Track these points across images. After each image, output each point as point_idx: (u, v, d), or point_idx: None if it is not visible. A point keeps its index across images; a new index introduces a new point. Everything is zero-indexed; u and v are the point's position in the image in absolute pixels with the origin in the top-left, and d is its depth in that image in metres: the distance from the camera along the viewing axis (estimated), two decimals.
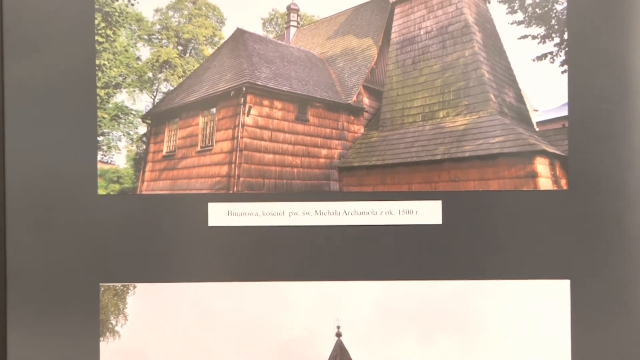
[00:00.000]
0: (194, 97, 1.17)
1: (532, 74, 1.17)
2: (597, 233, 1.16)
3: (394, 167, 1.17)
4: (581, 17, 1.15)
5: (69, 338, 1.18)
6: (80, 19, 1.17)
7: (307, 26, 1.15)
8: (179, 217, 1.18)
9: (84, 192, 1.17)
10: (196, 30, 1.19)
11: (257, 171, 1.18)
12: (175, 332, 1.19)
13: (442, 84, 1.15)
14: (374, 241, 1.17)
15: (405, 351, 1.18)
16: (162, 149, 1.18)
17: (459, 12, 1.15)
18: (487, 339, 1.18)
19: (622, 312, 1.17)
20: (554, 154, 1.16)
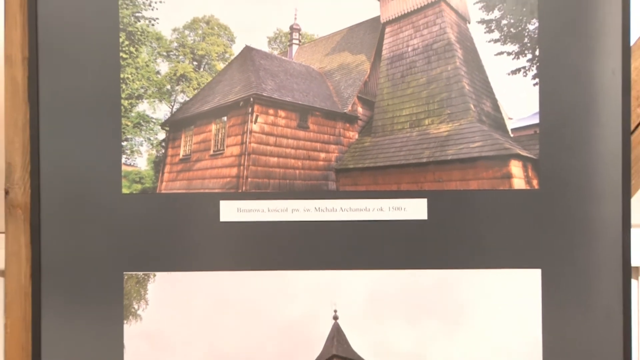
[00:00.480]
0: (207, 107, 1.19)
1: (507, 86, 1.19)
2: (564, 227, 1.18)
3: (385, 169, 1.18)
4: (551, 36, 1.18)
5: (96, 321, 1.20)
6: (106, 37, 1.19)
7: (308, 44, 1.18)
8: (193, 213, 1.20)
9: (109, 191, 1.19)
10: (209, 48, 1.20)
11: (263, 172, 1.19)
12: (190, 314, 1.21)
13: (428, 95, 1.17)
14: (367, 234, 1.19)
15: (393, 332, 1.20)
16: (179, 153, 1.20)
17: (443, 31, 1.17)
18: (467, 322, 1.20)
19: (586, 296, 1.18)
20: (526, 158, 1.18)
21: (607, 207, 1.18)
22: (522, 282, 1.19)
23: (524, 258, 1.19)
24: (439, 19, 1.20)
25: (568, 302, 1.19)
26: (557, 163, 1.18)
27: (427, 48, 1.20)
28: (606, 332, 1.18)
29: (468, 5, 1.20)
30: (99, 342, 1.20)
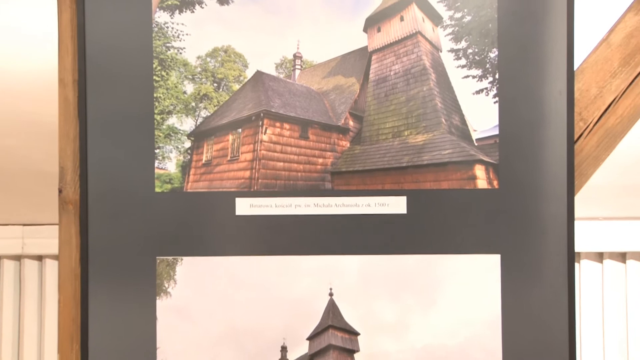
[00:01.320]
0: (225, 121, 1.23)
1: (472, 104, 1.23)
2: (520, 220, 1.23)
3: (372, 172, 1.23)
4: (508, 62, 1.23)
5: (133, 297, 1.25)
6: (142, 63, 1.24)
7: (308, 69, 1.22)
8: (213, 208, 1.25)
9: (144, 190, 1.24)
10: (227, 72, 1.25)
11: (271, 174, 1.24)
12: (211, 292, 1.25)
13: (407, 111, 1.22)
14: (357, 226, 1.24)
15: (379, 306, 1.25)
16: (202, 159, 1.24)
17: (419, 58, 1.22)
18: (440, 297, 1.24)
19: (537, 277, 1.23)
20: (488, 162, 1.23)
21: (555, 204, 1.23)
22: (485, 265, 1.24)
23: (486, 245, 1.24)
24: (416, 49, 1.25)
25: (522, 282, 1.24)
26: (514, 167, 1.23)
27: (407, 72, 1.24)
28: (554, 305, 1.23)
29: (440, 37, 1.24)
30: (136, 315, 1.25)
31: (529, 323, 1.25)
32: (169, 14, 1.26)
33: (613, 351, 2.01)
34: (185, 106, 1.26)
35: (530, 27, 1.24)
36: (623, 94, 1.28)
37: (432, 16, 1.25)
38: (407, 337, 1.25)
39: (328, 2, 1.25)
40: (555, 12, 1.24)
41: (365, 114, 1.26)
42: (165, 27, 1.25)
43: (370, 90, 1.26)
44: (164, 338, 1.26)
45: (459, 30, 1.25)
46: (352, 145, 1.26)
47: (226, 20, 1.25)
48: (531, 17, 1.24)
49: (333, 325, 1.25)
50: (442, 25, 1.25)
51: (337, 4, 1.25)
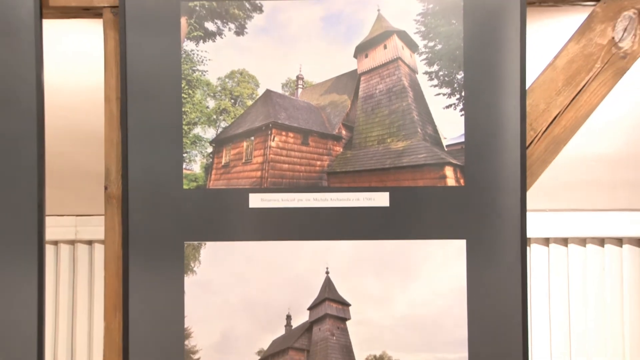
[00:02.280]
0: (240, 130, 1.22)
1: (442, 117, 1.23)
2: (482, 211, 1.22)
3: (360, 172, 1.22)
4: (472, 82, 1.22)
5: (166, 275, 1.24)
6: (173, 83, 1.24)
7: (308, 88, 1.21)
8: (231, 202, 1.24)
9: (174, 187, 1.24)
10: (242, 90, 1.24)
11: (278, 174, 1.23)
12: (228, 270, 1.24)
13: (389, 123, 1.21)
14: (349, 216, 1.23)
15: (366, 282, 1.24)
16: (222, 161, 1.23)
17: (399, 79, 1.21)
18: (416, 275, 1.24)
19: (496, 257, 1.22)
20: (456, 164, 1.22)
21: (511, 198, 1.22)
22: (453, 248, 1.23)
23: (455, 232, 1.23)
24: (397, 71, 1.23)
25: (484, 262, 1.23)
26: (477, 168, 1.22)
27: (389, 91, 1.23)
28: (509, 281, 1.22)
29: (416, 62, 1.24)
30: (167, 289, 1.24)
31: (489, 295, 1.24)
32: (194, 43, 1.25)
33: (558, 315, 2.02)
34: (208, 118, 1.26)
35: (490, 54, 1.23)
36: (566, 109, 1.28)
37: (410, 45, 1.25)
38: (389, 307, 1.25)
39: (324, 34, 1.24)
40: (511, 42, 1.23)
41: (356, 124, 1.26)
42: (191, 54, 1.25)
43: (359, 105, 1.25)
44: (190, 308, 1.25)
45: (431, 57, 1.24)
46: (344, 151, 1.25)
47: (241, 48, 1.25)
48: (491, 45, 1.23)
49: (329, 298, 1.25)
50: (418, 52, 1.24)
51: (332, 35, 1.24)
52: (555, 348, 2.02)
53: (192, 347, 1.25)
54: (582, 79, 1.27)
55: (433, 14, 1.23)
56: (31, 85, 1.24)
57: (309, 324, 1.26)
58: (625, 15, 1.26)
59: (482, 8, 1.22)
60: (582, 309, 2.00)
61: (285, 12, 1.24)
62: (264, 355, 1.25)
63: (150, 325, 1.25)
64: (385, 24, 1.24)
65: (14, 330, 1.24)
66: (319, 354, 1.25)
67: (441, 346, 1.24)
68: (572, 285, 2.01)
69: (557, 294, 2.01)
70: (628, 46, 1.26)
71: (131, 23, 1.23)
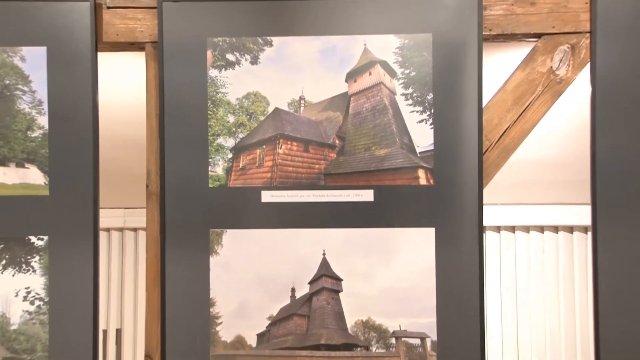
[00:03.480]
0: (254, 140, 1.21)
1: (416, 129, 1.21)
2: (448, 205, 1.20)
3: (351, 174, 1.20)
4: (439, 102, 1.20)
5: (194, 256, 1.22)
6: (200, 103, 1.22)
7: (309, 106, 1.20)
8: (247, 197, 1.22)
9: (201, 186, 1.22)
10: (256, 108, 1.22)
11: (284, 175, 1.21)
12: (244, 252, 1.22)
13: (373, 134, 1.19)
14: (341, 209, 1.22)
15: (354, 262, 1.22)
16: (240, 165, 1.21)
17: (381, 100, 1.19)
18: (394, 256, 1.22)
19: (458, 242, 1.20)
20: (427, 168, 1.20)
21: (470, 194, 1.20)
22: (424, 235, 1.21)
23: (426, 221, 1.21)
24: (380, 93, 1.22)
25: (449, 245, 1.21)
26: (444, 171, 1.20)
27: (373, 108, 1.22)
28: (469, 260, 1.20)
29: (395, 85, 1.22)
30: (196, 267, 1.23)
31: (452, 272, 1.22)
32: (218, 71, 1.23)
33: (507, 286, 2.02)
34: (228, 131, 1.24)
35: (453, 79, 1.21)
36: (514, 123, 1.26)
37: (390, 72, 1.23)
38: (373, 282, 1.23)
39: (322, 63, 1.23)
40: (470, 70, 1.21)
41: (347, 135, 1.24)
42: (215, 79, 1.23)
43: (350, 120, 1.24)
44: (214, 283, 1.24)
45: (407, 81, 1.23)
46: (337, 156, 1.24)
47: (255, 74, 1.23)
48: (454, 72, 1.21)
49: (325, 274, 1.23)
50: (397, 78, 1.23)
51: (328, 65, 1.23)
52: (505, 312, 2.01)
53: (215, 313, 1.24)
54: (526, 99, 1.26)
55: (408, 47, 1.22)
56: (88, 104, 1.22)
57: (309, 295, 1.24)
58: (560, 49, 1.25)
59: (447, 43, 1.21)
60: (526, 281, 1.99)
61: (290, 46, 1.23)
62: (273, 320, 1.24)
63: (182, 296, 1.23)
64: (370, 56, 1.23)
65: (75, 300, 1.22)
66: (317, 319, 1.23)
67: (415, 312, 1.22)
68: (518, 264, 2.01)
69: (506, 270, 2.01)
70: (563, 73, 1.25)
71: (167, 55, 1.22)
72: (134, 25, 1.26)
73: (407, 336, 1.22)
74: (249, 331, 1.23)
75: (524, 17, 1.24)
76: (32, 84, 1.21)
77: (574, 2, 1.23)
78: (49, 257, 1.21)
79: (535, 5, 1.24)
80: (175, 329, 1.22)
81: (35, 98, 1.22)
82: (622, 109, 1.20)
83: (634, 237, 1.19)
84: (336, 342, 1.22)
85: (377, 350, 1.22)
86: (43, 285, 1.21)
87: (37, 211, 1.21)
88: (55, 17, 1.20)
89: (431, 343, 1.21)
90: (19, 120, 1.21)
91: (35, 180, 1.22)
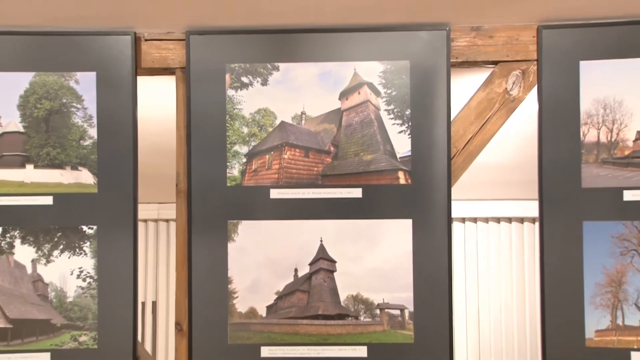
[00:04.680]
0: (264, 147, 1.19)
1: (397, 139, 1.19)
2: (422, 201, 1.19)
3: (343, 175, 1.19)
4: (416, 116, 1.18)
5: (216, 242, 1.20)
6: (220, 117, 1.20)
7: (309, 119, 1.18)
8: (258, 194, 1.20)
9: (221, 185, 1.20)
10: (265, 121, 1.21)
11: (289, 176, 1.20)
12: (256, 239, 1.20)
13: (362, 142, 1.18)
14: (335, 204, 1.20)
15: (346, 247, 1.20)
16: (252, 168, 1.19)
17: (368, 114, 1.18)
18: (378, 243, 1.20)
19: (431, 230, 1.19)
20: (405, 170, 1.19)
21: (441, 192, 1.19)
22: (403, 225, 1.19)
23: (405, 214, 1.19)
24: (367, 109, 1.20)
25: (423, 234, 1.19)
26: (419, 172, 1.18)
27: (362, 122, 1.20)
28: (439, 246, 1.19)
29: (379, 103, 1.20)
30: (216, 252, 1.21)
31: (426, 255, 1.20)
32: (234, 91, 1.22)
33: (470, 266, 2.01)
34: (243, 140, 1.22)
35: (427, 98, 1.20)
36: (476, 134, 1.24)
37: (375, 92, 1.21)
38: (362, 263, 1.21)
39: (320, 84, 1.21)
40: (441, 90, 1.20)
41: (340, 143, 1.22)
42: (232, 98, 1.22)
43: (342, 131, 1.22)
44: (231, 264, 1.22)
45: (389, 99, 1.21)
46: (332, 161, 1.22)
47: (265, 94, 1.22)
48: (428, 92, 1.20)
49: (322, 257, 1.22)
50: (381, 96, 1.21)
51: (324, 86, 1.21)
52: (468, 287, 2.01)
53: (232, 289, 1.22)
54: (486, 114, 1.24)
55: (390, 72, 1.20)
56: (129, 119, 1.21)
57: (309, 274, 1.22)
58: (513, 73, 1.24)
59: (422, 68, 1.20)
60: (485, 261, 1.98)
61: (294, 71, 1.21)
62: (279, 295, 1.22)
63: (205, 275, 1.21)
64: (359, 78, 1.21)
65: (118, 277, 1.20)
66: (316, 294, 1.22)
67: (395, 289, 1.20)
68: (479, 249, 2.00)
69: (469, 253, 2.00)
70: (516, 93, 1.24)
71: (193, 78, 1.21)
72: (166, 54, 1.25)
73: (389, 308, 1.20)
74: (260, 304, 1.22)
75: (483, 48, 1.23)
76: (84, 102, 1.21)
77: (524, 36, 1.22)
78: (97, 243, 1.20)
79: (492, 38, 1.23)
80: (199, 301, 1.21)
81: (87, 113, 1.21)
82: (562, 122, 1.19)
83: (570, 225, 1.17)
84: (331, 312, 1.21)
85: (365, 320, 1.21)
86: (93, 265, 1.20)
87: (88, 205, 1.20)
88: (103, 47, 1.20)
89: (409, 313, 1.19)
90: (74, 132, 1.21)
91: (87, 181, 1.21)
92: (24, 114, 1.20)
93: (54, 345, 1.18)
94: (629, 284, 1.13)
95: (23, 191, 1.19)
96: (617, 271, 1.14)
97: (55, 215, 1.19)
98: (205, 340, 1.20)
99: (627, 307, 1.12)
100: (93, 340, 1.18)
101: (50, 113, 1.20)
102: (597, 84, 1.16)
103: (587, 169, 1.16)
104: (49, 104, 1.20)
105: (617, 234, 1.14)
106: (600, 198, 1.16)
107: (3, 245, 1.19)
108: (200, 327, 1.20)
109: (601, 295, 1.14)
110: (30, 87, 1.19)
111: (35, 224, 1.19)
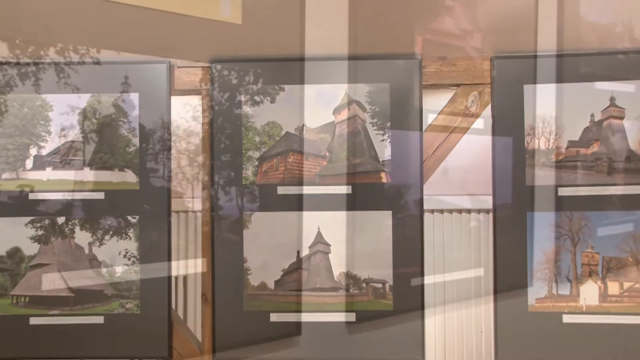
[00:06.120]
0: (273, 153, 1.16)
1: (379, 146, 1.16)
2: (400, 196, 1.16)
3: (336, 175, 1.16)
4: (395, 128, 1.16)
5: (233, 230, 1.17)
6: (236, 128, 1.17)
7: (309, 130, 1.16)
8: (268, 191, 1.17)
9: (237, 183, 1.17)
10: (273, 132, 1.17)
11: (292, 176, 1.17)
12: (267, 227, 1.17)
13: (352, 149, 1.13)
14: (330, 199, 1.17)
15: (339, 233, 1.18)
16: (263, 169, 1.16)
17: (356, 126, 1.15)
18: (365, 230, 1.17)
19: (406, 219, 1.16)
20: (386, 171, 1.16)
21: (414, 189, 1.16)
22: (384, 216, 1.16)
23: (386, 207, 1.16)
24: (355, 122, 1.17)
25: (401, 223, 1.16)
26: (398, 174, 1.14)
27: (351, 133, 1.17)
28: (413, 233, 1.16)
29: (365, 116, 1.17)
30: (234, 238, 1.17)
31: (403, 240, 1.18)
32: (248, 107, 1.19)
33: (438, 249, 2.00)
34: (255, 147, 1.20)
35: (403, 113, 1.18)
36: (443, 142, 1.22)
37: (362, 108, 1.19)
38: (351, 247, 1.19)
39: (317, 102, 1.18)
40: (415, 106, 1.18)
41: (333, 150, 1.20)
42: (247, 113, 1.19)
43: (335, 139, 1.20)
44: (246, 247, 1.19)
45: (373, 114, 1.18)
46: (327, 164, 1.19)
47: (273, 110, 1.19)
48: (404, 108, 1.18)
49: (319, 242, 1.19)
50: (367, 112, 1.18)
51: (321, 103, 1.18)
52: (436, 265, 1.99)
53: (247, 267, 1.19)
54: (450, 127, 1.22)
55: (374, 92, 1.18)
56: (164, 131, 1.20)
57: (309, 255, 1.19)
58: (472, 94, 1.22)
59: (399, 89, 1.17)
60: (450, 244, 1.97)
61: (297, 91, 1.19)
62: (284, 272, 1.19)
63: (225, 256, 1.19)
64: (349, 97, 1.19)
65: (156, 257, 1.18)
66: (314, 271, 1.19)
67: (378, 267, 1.18)
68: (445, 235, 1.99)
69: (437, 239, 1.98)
70: (474, 110, 1.22)
71: (216, 97, 1.18)
72: (194, 78, 1.22)
73: (373, 282, 1.18)
74: (269, 279, 1.19)
75: (448, 74, 1.21)
76: (129, 117, 1.20)
77: (480, 65, 1.21)
78: (139, 230, 1.18)
79: (455, 65, 1.21)
80: (221, 276, 1.18)
81: (131, 126, 1.20)
82: (510, 133, 1.18)
83: (517, 215, 1.16)
84: (326, 286, 1.18)
85: (354, 292, 1.18)
86: (136, 248, 1.19)
87: (132, 200, 1.19)
88: (144, 73, 1.19)
89: (389, 286, 1.17)
90: (121, 141, 1.20)
91: (131, 180, 1.20)
92: (82, 127, 1.21)
93: (106, 310, 1.19)
94: (561, 262, 1.14)
95: (81, 188, 1.19)
96: (553, 252, 1.15)
97: (106, 207, 1.19)
98: (225, 308, 1.18)
99: (560, 280, 1.14)
100: (137, 307, 1.18)
101: (102, 126, 1.20)
102: (537, 103, 1.17)
103: (530, 171, 1.16)
104: (102, 119, 1.20)
105: (554, 222, 1.15)
106: (541, 194, 1.15)
107: (66, 231, 1.19)
108: (222, 297, 1.18)
109: (541, 270, 1.15)
110: (87, 105, 1.20)
111: (91, 214, 1.19)
